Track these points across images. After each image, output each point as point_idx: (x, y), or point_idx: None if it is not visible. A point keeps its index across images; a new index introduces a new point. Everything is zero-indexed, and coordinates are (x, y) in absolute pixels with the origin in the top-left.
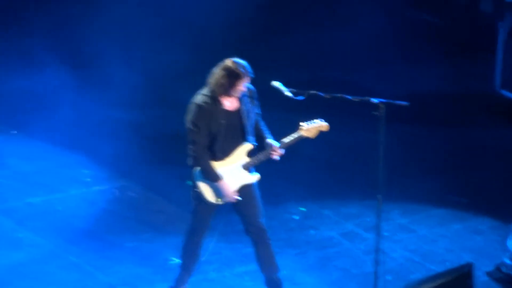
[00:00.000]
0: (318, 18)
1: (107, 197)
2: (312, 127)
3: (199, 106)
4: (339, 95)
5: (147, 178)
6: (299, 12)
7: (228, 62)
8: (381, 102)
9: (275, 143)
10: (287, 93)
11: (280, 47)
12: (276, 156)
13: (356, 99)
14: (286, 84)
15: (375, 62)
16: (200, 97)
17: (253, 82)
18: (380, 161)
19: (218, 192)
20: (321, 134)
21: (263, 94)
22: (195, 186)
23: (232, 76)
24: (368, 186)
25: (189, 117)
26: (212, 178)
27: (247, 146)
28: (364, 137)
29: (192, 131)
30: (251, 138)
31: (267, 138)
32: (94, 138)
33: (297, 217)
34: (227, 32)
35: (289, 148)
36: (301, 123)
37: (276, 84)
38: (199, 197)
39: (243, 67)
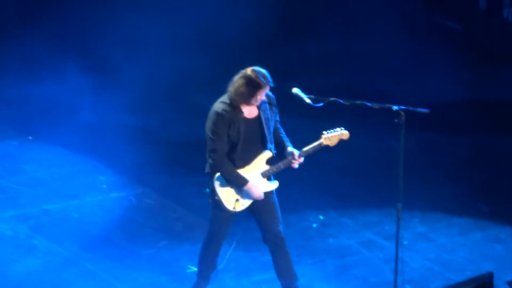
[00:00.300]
0: (336, 24)
1: (123, 204)
2: (333, 136)
3: (219, 114)
4: (358, 102)
5: (164, 185)
6: (317, 17)
7: (249, 70)
8: (402, 109)
9: (295, 151)
10: (307, 100)
11: (299, 54)
12: (296, 165)
13: (376, 106)
14: (305, 91)
15: (395, 69)
16: (219, 105)
17: (272, 89)
18: (400, 169)
19: (243, 195)
20: (342, 141)
21: (282, 101)
22: (213, 194)
23: (252, 85)
24: (388, 194)
25: (208, 125)
26: (240, 182)
27: (267, 154)
28: (384, 145)
29: (212, 139)
30: (270, 146)
31: (287, 146)
32: (110, 144)
33: (315, 225)
34: (246, 38)
35: (308, 155)
36: (323, 132)
37: (296, 90)
38: (218, 205)
39: (264, 76)
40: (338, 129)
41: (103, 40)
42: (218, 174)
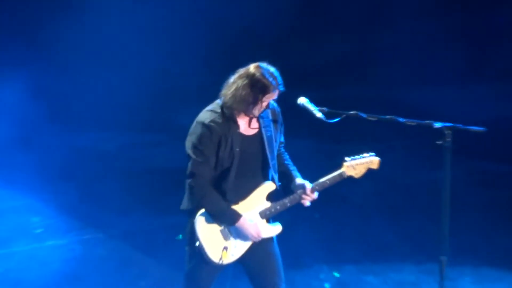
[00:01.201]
0: (359, 22)
1: (64, 256)
2: (358, 164)
3: (206, 127)
4: (388, 117)
5: (123, 228)
6: (336, 18)
7: (252, 68)
8: (447, 127)
9: (307, 184)
10: (318, 114)
11: (312, 56)
12: (307, 202)
13: (412, 122)
14: (316, 102)
15: (437, 78)
16: (207, 114)
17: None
18: (445, 209)
19: (234, 242)
20: (369, 171)
21: (285, 115)
22: (192, 239)
23: (257, 87)
24: (429, 244)
25: (190, 140)
26: (229, 216)
27: (269, 186)
28: (424, 176)
29: (194, 160)
30: (273, 175)
31: (294, 176)
32: (50, 175)
33: (328, 286)
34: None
35: (324, 189)
36: (345, 159)
37: (303, 101)
38: (198, 254)
39: (272, 75)
40: (365, 154)
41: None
42: (200, 211)
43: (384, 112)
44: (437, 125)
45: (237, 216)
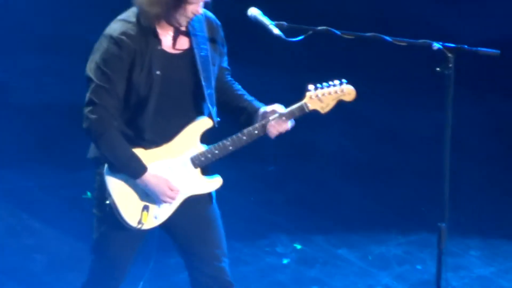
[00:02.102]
0: None
1: None
2: (326, 94)
3: (115, 41)
4: (370, 34)
5: (12, 186)
6: None
7: None
8: (449, 49)
9: (277, 107)
10: (274, 30)
11: None
12: (275, 131)
13: (401, 42)
14: (272, 15)
15: None
16: (118, 24)
17: (216, 12)
18: (445, 163)
19: (146, 202)
20: (344, 108)
21: (233, 35)
22: (102, 196)
23: None
24: (422, 209)
25: (93, 59)
26: (129, 169)
27: (203, 123)
28: (417, 118)
29: (96, 85)
30: (210, 107)
31: (254, 105)
32: None
33: (286, 261)
34: None
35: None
36: (308, 87)
37: (255, 13)
38: (110, 216)
39: None
40: (336, 81)
41: None
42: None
43: (364, 27)
44: (436, 46)
45: (140, 167)
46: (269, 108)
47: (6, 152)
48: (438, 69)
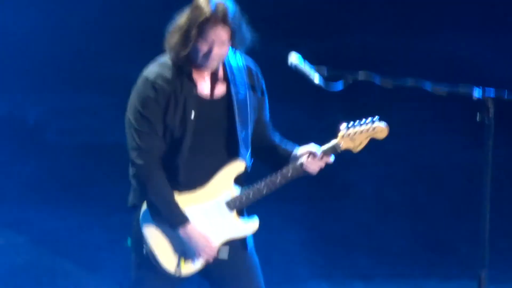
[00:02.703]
0: None
1: None
2: (358, 132)
3: (151, 85)
4: (410, 83)
5: (49, 229)
6: None
7: None
8: (489, 99)
9: (313, 147)
10: (315, 77)
11: None
12: (315, 167)
13: (441, 91)
14: (311, 59)
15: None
16: (155, 67)
17: (259, 58)
18: (484, 206)
19: (183, 250)
20: (381, 147)
21: (270, 79)
22: (139, 243)
23: (191, 16)
24: (463, 253)
25: (132, 102)
26: (172, 217)
27: (236, 166)
28: (456, 159)
29: (138, 130)
30: (243, 151)
31: (288, 148)
32: None
33: None
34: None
35: (319, 175)
36: (340, 127)
37: (295, 60)
38: (147, 263)
39: (220, 5)
40: (367, 120)
41: None
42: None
43: (403, 74)
44: (476, 96)
45: (182, 216)
46: (303, 149)
47: (41, 193)
48: (478, 118)
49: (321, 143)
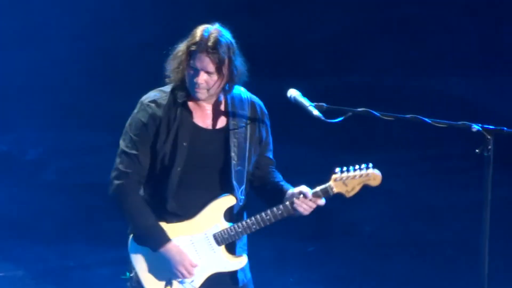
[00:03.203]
0: None
1: None
2: (350, 178)
3: (144, 108)
4: (410, 116)
5: (53, 264)
6: None
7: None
8: (488, 131)
9: (305, 189)
10: (314, 111)
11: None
12: (306, 208)
13: (440, 124)
14: (311, 96)
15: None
16: (152, 93)
17: (262, 94)
18: (483, 244)
19: (169, 276)
20: (382, 186)
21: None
22: (129, 268)
23: (187, 44)
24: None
25: (126, 125)
26: (151, 237)
27: (227, 200)
28: (457, 197)
29: (123, 151)
30: (237, 187)
31: (286, 188)
32: None
33: None
34: None
35: (319, 215)
36: (335, 171)
37: (295, 94)
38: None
39: (212, 37)
40: (362, 166)
41: None
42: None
43: (403, 108)
44: (475, 127)
45: (162, 237)
46: (296, 189)
47: (45, 231)
48: (477, 150)
49: (321, 180)
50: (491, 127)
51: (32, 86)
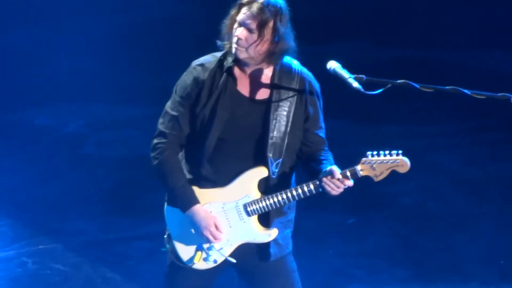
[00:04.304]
0: None
1: (11, 273)
2: (379, 163)
3: (191, 69)
4: (449, 87)
5: (91, 237)
6: None
7: None
8: None
9: (335, 169)
10: (354, 83)
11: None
12: (335, 190)
13: (480, 95)
14: (350, 67)
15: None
16: (203, 57)
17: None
18: None
19: (199, 238)
20: (423, 160)
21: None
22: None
23: (237, 4)
24: (502, 259)
25: (175, 87)
26: (181, 198)
27: (259, 172)
28: (497, 169)
29: (166, 111)
30: (272, 158)
31: (323, 165)
32: None
33: None
34: None
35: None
36: (367, 153)
37: (335, 65)
38: (171, 252)
39: None
40: (393, 152)
41: None
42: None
43: (437, 79)
44: None
45: (192, 198)
46: (327, 169)
47: (86, 205)
48: None
49: (361, 153)
50: None
51: (70, 61)
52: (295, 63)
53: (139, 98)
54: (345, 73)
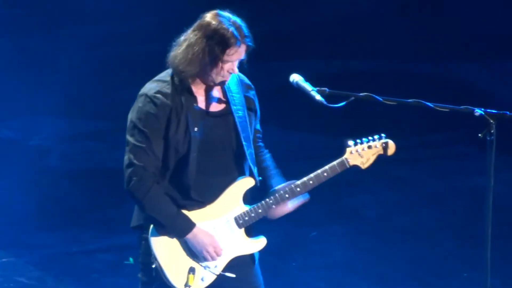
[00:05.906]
0: None
1: None
2: (365, 149)
3: (151, 100)
4: (412, 100)
5: (55, 250)
6: None
7: (208, 16)
8: (491, 115)
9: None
10: (316, 96)
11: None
12: (287, 207)
13: (443, 108)
14: (313, 80)
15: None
16: (153, 84)
17: (251, 75)
18: (487, 229)
19: (190, 260)
20: (387, 172)
21: (269, 98)
22: (147, 260)
23: (214, 40)
24: (465, 272)
25: (130, 119)
26: (176, 227)
27: (246, 183)
28: (460, 182)
29: (134, 145)
30: (251, 167)
31: (272, 174)
32: None
33: None
34: None
35: (323, 199)
36: (348, 143)
37: (297, 79)
38: (156, 281)
39: (235, 24)
40: (375, 136)
41: None
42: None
43: (405, 93)
44: (478, 111)
45: (187, 223)
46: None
47: (49, 217)
48: (480, 135)
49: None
50: (493, 111)
51: (36, 74)
52: None
53: (102, 111)
54: (307, 86)
